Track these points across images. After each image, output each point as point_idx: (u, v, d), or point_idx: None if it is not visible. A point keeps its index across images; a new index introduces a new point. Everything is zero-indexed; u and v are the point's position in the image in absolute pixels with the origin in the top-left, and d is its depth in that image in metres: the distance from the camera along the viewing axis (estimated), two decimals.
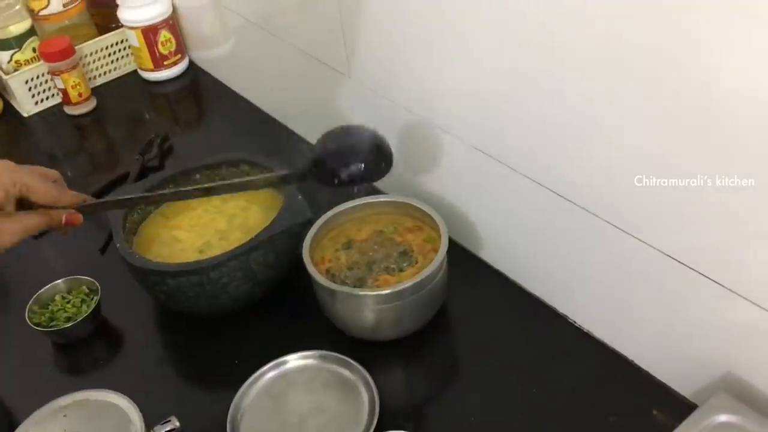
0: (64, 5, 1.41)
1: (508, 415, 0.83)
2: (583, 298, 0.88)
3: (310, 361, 0.87)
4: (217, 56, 1.43)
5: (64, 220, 0.73)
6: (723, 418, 0.67)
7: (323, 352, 0.87)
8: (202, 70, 1.48)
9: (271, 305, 0.97)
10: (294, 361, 0.87)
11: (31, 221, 0.71)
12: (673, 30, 0.62)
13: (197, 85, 1.48)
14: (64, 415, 0.78)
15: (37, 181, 0.72)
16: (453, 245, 0.93)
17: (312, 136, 1.23)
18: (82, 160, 1.38)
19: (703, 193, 0.66)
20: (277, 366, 0.87)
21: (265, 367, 0.87)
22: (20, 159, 0.74)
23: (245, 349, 0.93)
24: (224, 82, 1.43)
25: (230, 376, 0.87)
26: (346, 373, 0.86)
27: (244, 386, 0.85)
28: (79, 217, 0.74)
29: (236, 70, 1.39)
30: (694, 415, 0.68)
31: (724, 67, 0.60)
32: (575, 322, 0.90)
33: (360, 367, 0.85)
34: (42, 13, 1.40)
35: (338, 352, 0.88)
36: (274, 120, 1.31)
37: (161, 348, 0.98)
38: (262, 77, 1.31)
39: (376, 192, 1.02)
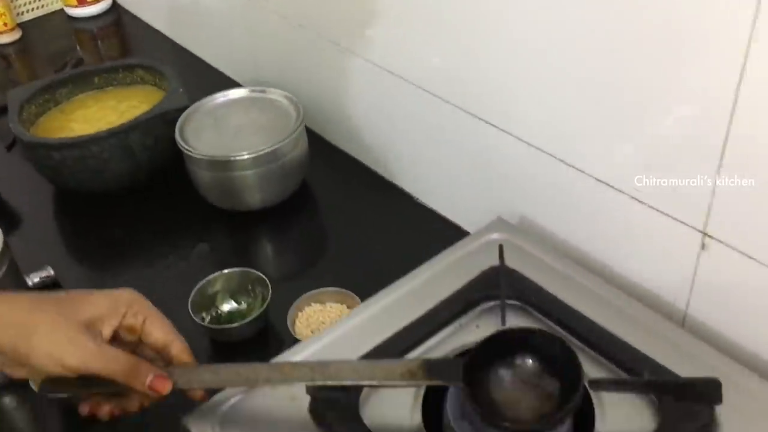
0: None
1: (354, 265, 0.94)
2: (409, 165, 1.00)
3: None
4: None
5: (149, 381, 0.59)
6: (495, 236, 0.77)
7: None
8: (125, 10, 1.58)
9: (155, 189, 1.07)
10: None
11: (115, 357, 0.58)
12: None
13: (121, 23, 1.58)
14: None
15: (161, 316, 0.64)
16: (314, 137, 1.05)
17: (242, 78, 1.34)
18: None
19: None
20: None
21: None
22: None
23: (134, 225, 1.04)
24: (149, 22, 1.54)
25: (121, 248, 0.99)
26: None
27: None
28: (168, 384, 0.60)
29: (160, 11, 1.49)
30: (472, 235, 0.79)
31: None
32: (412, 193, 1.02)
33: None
34: None
35: (214, 224, 1.01)
36: (200, 60, 1.40)
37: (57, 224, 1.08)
38: (184, 14, 1.41)
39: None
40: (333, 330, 0.71)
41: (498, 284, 0.71)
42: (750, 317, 0.67)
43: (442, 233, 0.96)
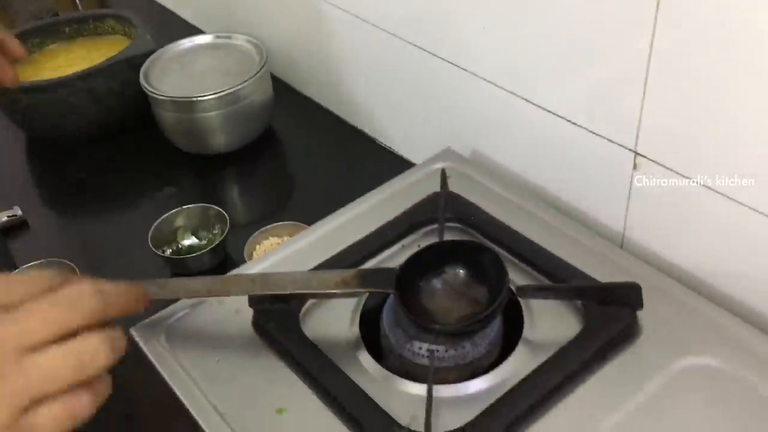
0: None
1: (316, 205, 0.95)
2: (369, 107, 1.02)
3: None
4: None
5: None
6: (442, 164, 0.79)
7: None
8: None
9: (123, 134, 1.09)
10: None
11: None
12: None
13: None
14: None
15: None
16: (282, 86, 1.07)
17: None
18: None
19: None
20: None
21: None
22: None
23: (101, 169, 1.06)
24: None
25: (88, 191, 1.01)
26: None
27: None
28: None
29: None
30: (420, 164, 0.80)
31: None
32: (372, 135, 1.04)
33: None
34: None
35: (181, 168, 1.03)
36: (175, 15, 1.42)
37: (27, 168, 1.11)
38: None
39: None
40: (280, 250, 0.73)
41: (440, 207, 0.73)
42: (682, 234, 0.69)
43: (400, 172, 0.98)
